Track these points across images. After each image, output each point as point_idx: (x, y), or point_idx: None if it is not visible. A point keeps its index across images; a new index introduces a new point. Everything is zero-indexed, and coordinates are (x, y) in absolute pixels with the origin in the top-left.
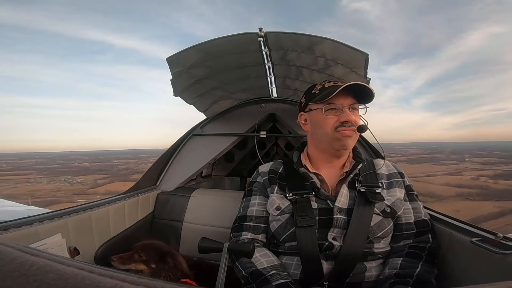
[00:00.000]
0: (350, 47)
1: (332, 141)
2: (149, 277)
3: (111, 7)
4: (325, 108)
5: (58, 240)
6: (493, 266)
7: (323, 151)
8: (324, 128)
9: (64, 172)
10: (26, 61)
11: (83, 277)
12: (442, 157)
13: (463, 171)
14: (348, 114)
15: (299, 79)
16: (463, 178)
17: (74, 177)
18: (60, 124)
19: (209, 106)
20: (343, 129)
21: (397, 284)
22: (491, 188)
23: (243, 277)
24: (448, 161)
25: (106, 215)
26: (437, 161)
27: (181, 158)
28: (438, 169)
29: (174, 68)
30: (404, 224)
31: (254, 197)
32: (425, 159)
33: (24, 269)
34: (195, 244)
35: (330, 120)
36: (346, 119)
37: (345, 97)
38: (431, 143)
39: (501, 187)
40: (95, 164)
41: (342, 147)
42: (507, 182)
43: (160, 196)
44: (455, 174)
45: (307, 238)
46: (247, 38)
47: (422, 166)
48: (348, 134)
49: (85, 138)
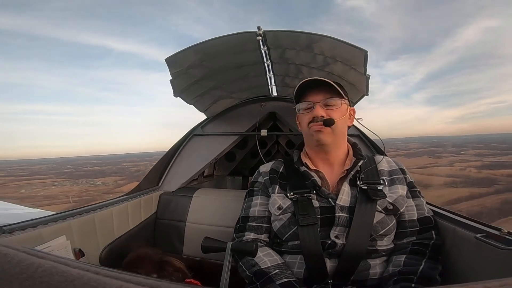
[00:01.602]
0: (349, 44)
1: (309, 137)
2: (154, 278)
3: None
4: (301, 108)
5: (62, 242)
6: (498, 262)
7: (311, 148)
8: (302, 126)
9: (80, 175)
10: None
11: (89, 279)
12: (439, 151)
13: (455, 163)
14: (317, 109)
15: (299, 77)
16: (453, 169)
17: (93, 179)
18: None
19: (209, 106)
20: (312, 124)
21: (401, 281)
22: (473, 177)
23: (247, 277)
24: (444, 154)
25: (110, 216)
26: (433, 154)
27: (182, 159)
28: (432, 161)
29: (173, 68)
30: (407, 221)
31: (256, 197)
32: (422, 153)
33: (30, 272)
34: (199, 244)
35: (305, 118)
36: (314, 114)
37: (317, 94)
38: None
39: (482, 176)
40: (106, 168)
41: (317, 142)
42: (489, 172)
43: (162, 196)
44: (447, 166)
45: (309, 237)
46: (245, 37)
47: (419, 159)
48: (316, 129)
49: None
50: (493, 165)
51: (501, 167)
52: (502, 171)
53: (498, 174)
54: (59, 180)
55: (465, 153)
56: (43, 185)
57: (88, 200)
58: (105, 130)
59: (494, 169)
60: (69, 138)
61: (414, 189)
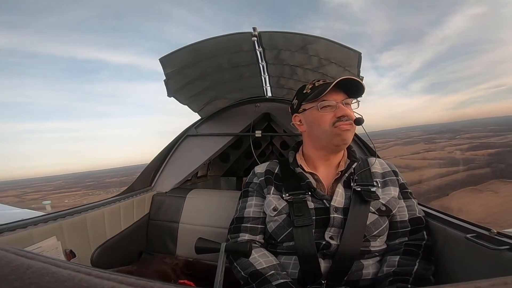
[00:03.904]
0: (343, 46)
1: (332, 137)
2: (147, 279)
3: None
4: (320, 106)
5: (53, 243)
6: (488, 262)
7: (321, 149)
8: (321, 126)
9: (106, 186)
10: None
11: (80, 280)
12: (436, 137)
13: (446, 147)
14: (344, 108)
15: (293, 78)
16: (441, 152)
17: (119, 188)
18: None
19: (203, 106)
20: (341, 123)
21: (396, 282)
22: (456, 158)
23: (242, 278)
24: (439, 140)
25: (101, 217)
26: (429, 141)
27: (176, 159)
28: (425, 147)
29: (167, 68)
30: (399, 222)
31: (251, 198)
32: (419, 140)
33: (19, 273)
34: (192, 245)
35: (327, 117)
36: (342, 113)
37: (337, 93)
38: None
39: (464, 157)
40: (124, 178)
41: (343, 141)
42: (472, 152)
43: (155, 197)
44: (438, 150)
45: (304, 238)
46: (241, 38)
47: (414, 146)
48: (346, 128)
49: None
50: (479, 146)
51: (485, 148)
52: (484, 151)
53: (480, 154)
54: (89, 191)
55: (460, 137)
56: (79, 196)
57: None
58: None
59: (477, 149)
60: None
61: (406, 190)
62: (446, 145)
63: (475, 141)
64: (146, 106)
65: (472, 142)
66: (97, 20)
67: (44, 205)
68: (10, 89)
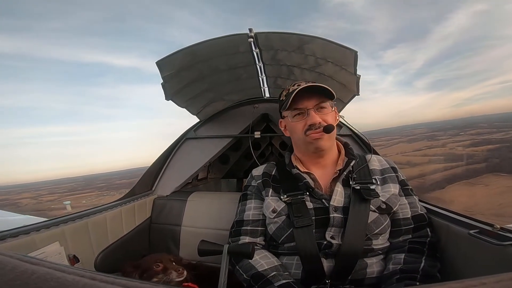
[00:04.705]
0: (339, 45)
1: (306, 145)
2: (151, 282)
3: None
4: (292, 115)
5: (56, 249)
6: (492, 257)
7: (305, 154)
8: (297, 133)
9: (117, 187)
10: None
11: (85, 284)
12: (440, 134)
13: (448, 144)
14: (313, 116)
15: (291, 78)
16: (443, 149)
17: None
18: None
19: (202, 108)
20: (311, 132)
21: (404, 279)
22: (456, 154)
23: (244, 280)
24: (442, 137)
25: (104, 222)
26: (433, 138)
27: (175, 162)
28: (428, 144)
29: (165, 71)
30: (401, 219)
31: (250, 201)
32: (423, 137)
33: (24, 278)
34: (195, 248)
35: (299, 125)
36: (312, 122)
37: (309, 99)
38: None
39: (464, 153)
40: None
41: (317, 149)
42: (472, 149)
43: (156, 201)
44: (439, 147)
45: (305, 238)
46: (237, 40)
47: (418, 143)
48: (316, 137)
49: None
50: (481, 142)
51: (486, 144)
52: (484, 147)
53: (479, 150)
54: (103, 192)
55: (464, 133)
56: (95, 197)
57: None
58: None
59: (478, 146)
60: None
61: (406, 187)
62: (449, 142)
63: (478, 138)
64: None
65: (475, 139)
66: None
67: (65, 205)
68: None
